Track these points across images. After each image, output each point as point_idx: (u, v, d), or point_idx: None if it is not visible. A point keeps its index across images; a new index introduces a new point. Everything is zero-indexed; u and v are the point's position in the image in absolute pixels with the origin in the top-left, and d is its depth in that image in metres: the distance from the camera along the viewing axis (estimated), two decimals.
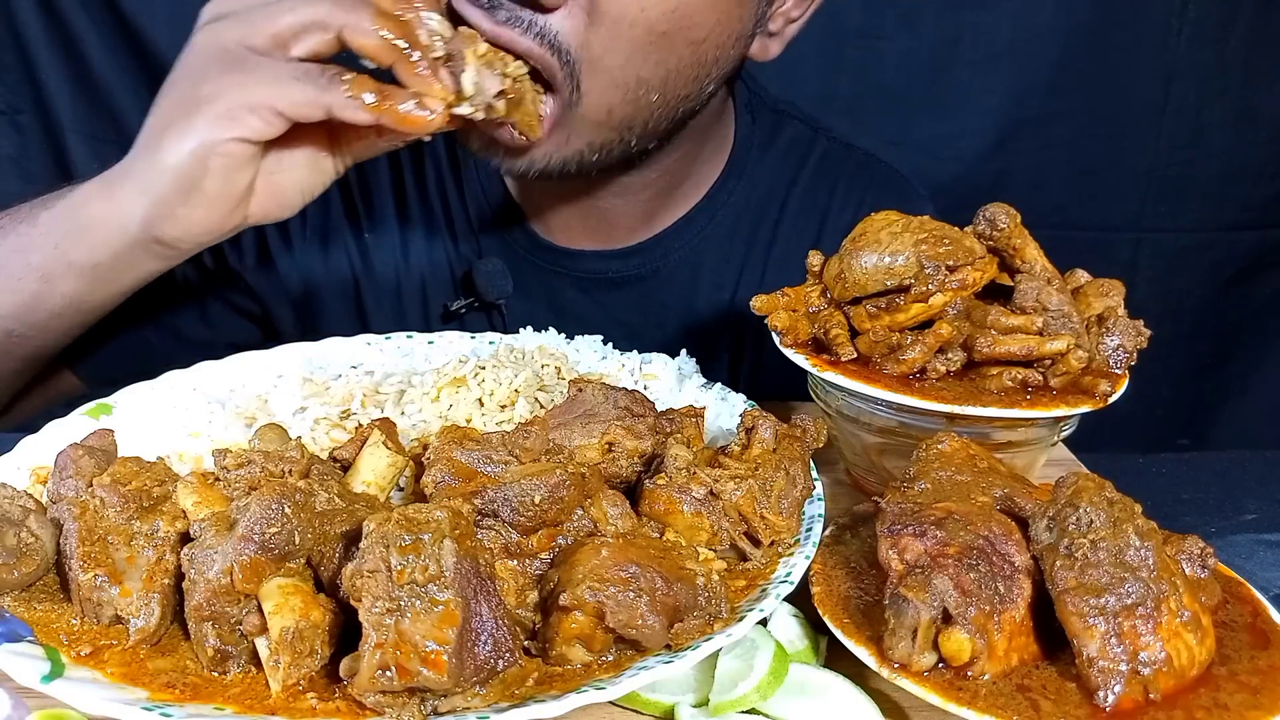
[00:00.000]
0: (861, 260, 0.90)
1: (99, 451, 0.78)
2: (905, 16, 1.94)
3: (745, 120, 1.31)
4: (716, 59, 1.04)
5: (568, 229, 1.27)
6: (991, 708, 0.62)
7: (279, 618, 0.63)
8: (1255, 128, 2.02)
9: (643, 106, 1.02)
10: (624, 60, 0.96)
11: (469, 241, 1.29)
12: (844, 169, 1.34)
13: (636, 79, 0.98)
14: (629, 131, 1.04)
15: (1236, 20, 1.95)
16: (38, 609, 0.70)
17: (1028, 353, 0.85)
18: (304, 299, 1.31)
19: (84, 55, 1.86)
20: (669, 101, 1.03)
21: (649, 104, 1.02)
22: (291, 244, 1.28)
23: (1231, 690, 0.64)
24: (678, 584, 0.68)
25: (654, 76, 0.99)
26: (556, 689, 0.63)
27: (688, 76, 1.02)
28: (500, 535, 0.71)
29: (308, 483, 0.71)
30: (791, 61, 1.18)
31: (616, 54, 0.95)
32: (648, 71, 0.98)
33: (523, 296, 1.28)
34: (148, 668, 0.65)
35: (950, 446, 0.79)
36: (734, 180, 1.29)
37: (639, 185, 1.22)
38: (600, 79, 0.97)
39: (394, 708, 0.60)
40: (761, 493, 0.78)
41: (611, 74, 0.97)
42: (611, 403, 0.86)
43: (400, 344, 1.14)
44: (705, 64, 1.03)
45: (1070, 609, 0.63)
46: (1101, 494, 0.66)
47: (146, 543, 0.70)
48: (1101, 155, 2.03)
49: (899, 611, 0.65)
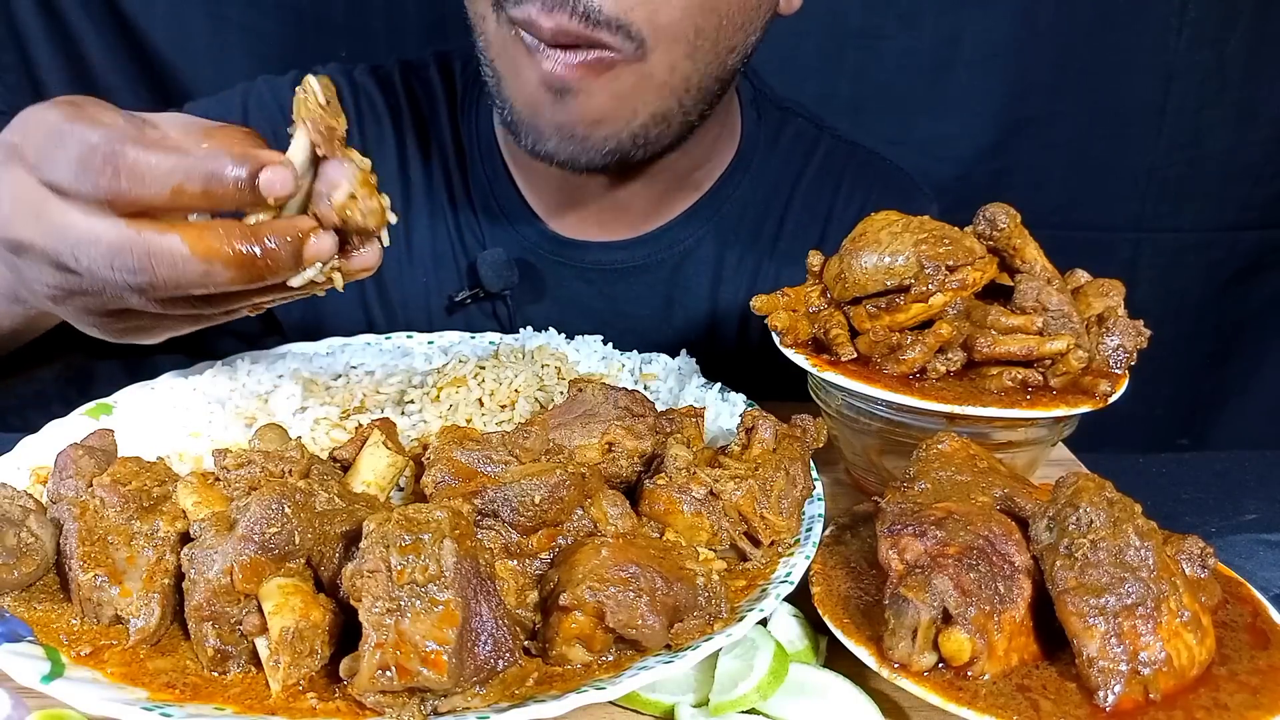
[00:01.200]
0: (861, 260, 0.90)
1: (99, 451, 0.78)
2: (905, 16, 1.93)
3: (751, 116, 1.32)
4: (760, 3, 1.05)
5: (573, 220, 1.27)
6: (991, 708, 0.62)
7: (279, 618, 0.63)
8: (1255, 128, 2.02)
9: (700, 61, 1.02)
10: (681, 13, 0.97)
11: (474, 233, 1.29)
12: (848, 167, 1.35)
13: (695, 29, 0.99)
14: (687, 94, 1.05)
15: (1236, 20, 1.94)
16: (38, 609, 0.70)
17: (1028, 353, 0.85)
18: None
19: (84, 55, 1.85)
20: (720, 55, 1.04)
21: (704, 57, 1.02)
22: None
23: (1231, 690, 0.64)
24: (678, 584, 0.68)
25: (708, 24, 1.00)
26: (556, 689, 0.63)
27: (736, 24, 1.03)
28: (500, 535, 0.71)
29: (308, 483, 0.71)
30: (792, 61, 1.19)
31: (673, 7, 0.96)
32: (703, 19, 0.99)
33: (528, 287, 1.28)
34: (148, 668, 0.65)
35: (950, 446, 0.79)
36: (740, 175, 1.30)
37: (656, 172, 1.22)
38: (663, 36, 0.97)
39: (394, 708, 0.60)
40: (761, 493, 0.78)
41: (671, 29, 0.98)
42: (611, 403, 0.86)
43: (400, 344, 1.14)
44: (751, 8, 1.04)
45: (1070, 609, 0.63)
46: (1101, 494, 0.66)
47: (146, 543, 0.70)
48: (1101, 155, 2.03)
49: (899, 611, 0.65)
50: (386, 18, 1.78)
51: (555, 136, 1.03)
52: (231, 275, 0.67)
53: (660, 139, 1.07)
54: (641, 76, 0.99)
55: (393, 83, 1.31)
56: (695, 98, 1.06)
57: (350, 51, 1.75)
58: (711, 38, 1.01)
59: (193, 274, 0.66)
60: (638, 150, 1.07)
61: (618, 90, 1.00)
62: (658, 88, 1.01)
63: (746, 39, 1.07)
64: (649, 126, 1.05)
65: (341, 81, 1.29)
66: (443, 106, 1.30)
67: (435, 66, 1.32)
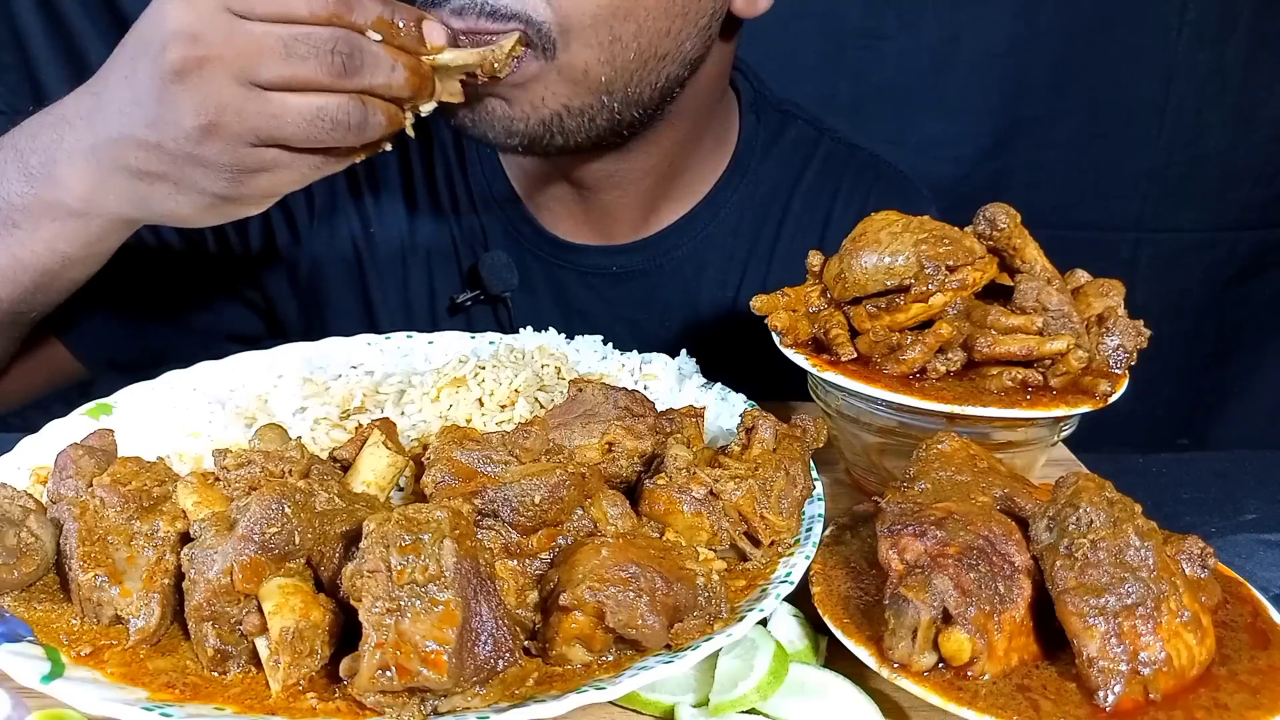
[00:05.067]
0: (861, 260, 0.90)
1: (99, 451, 0.78)
2: (905, 17, 1.94)
3: (750, 119, 1.32)
4: (685, 11, 1.04)
5: (572, 223, 1.28)
6: (991, 708, 0.62)
7: (279, 618, 0.63)
8: (1255, 128, 2.02)
9: (620, 67, 1.02)
10: (592, 20, 0.98)
11: (475, 235, 1.29)
12: (848, 169, 1.35)
13: (610, 36, 0.99)
14: (610, 96, 1.05)
15: (1236, 20, 1.95)
16: (38, 609, 0.70)
17: (1028, 353, 0.85)
18: (309, 291, 1.32)
19: (84, 55, 1.86)
20: (646, 61, 1.04)
21: (626, 63, 1.02)
22: (298, 235, 1.29)
23: (1231, 690, 0.64)
24: (678, 584, 0.68)
25: (626, 32, 1.00)
26: (556, 689, 0.63)
27: (660, 30, 1.03)
28: (500, 535, 0.71)
29: (308, 483, 0.71)
30: (791, 62, 1.19)
31: (585, 12, 0.97)
32: (619, 26, 0.99)
33: (528, 290, 1.28)
34: (148, 668, 0.65)
35: (950, 446, 0.79)
36: (738, 178, 1.30)
37: (636, 174, 1.22)
38: (574, 39, 0.98)
39: (394, 708, 0.60)
40: (761, 493, 0.78)
41: (584, 33, 0.98)
42: (611, 403, 0.86)
43: (400, 344, 1.14)
44: (676, 15, 1.04)
45: (1070, 609, 0.63)
46: (1101, 494, 0.66)
47: (146, 543, 0.70)
48: (1101, 155, 2.03)
49: (899, 611, 0.65)
50: None
51: (468, 113, 1.04)
52: (405, 78, 0.87)
53: (583, 131, 1.07)
54: (548, 69, 1.00)
55: None
56: (626, 100, 1.06)
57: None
58: (630, 45, 1.01)
59: (384, 70, 0.85)
60: (556, 137, 1.06)
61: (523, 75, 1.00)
62: (570, 84, 1.01)
63: (679, 46, 1.06)
64: (563, 117, 1.04)
65: None
66: None
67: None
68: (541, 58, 0.99)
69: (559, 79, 1.01)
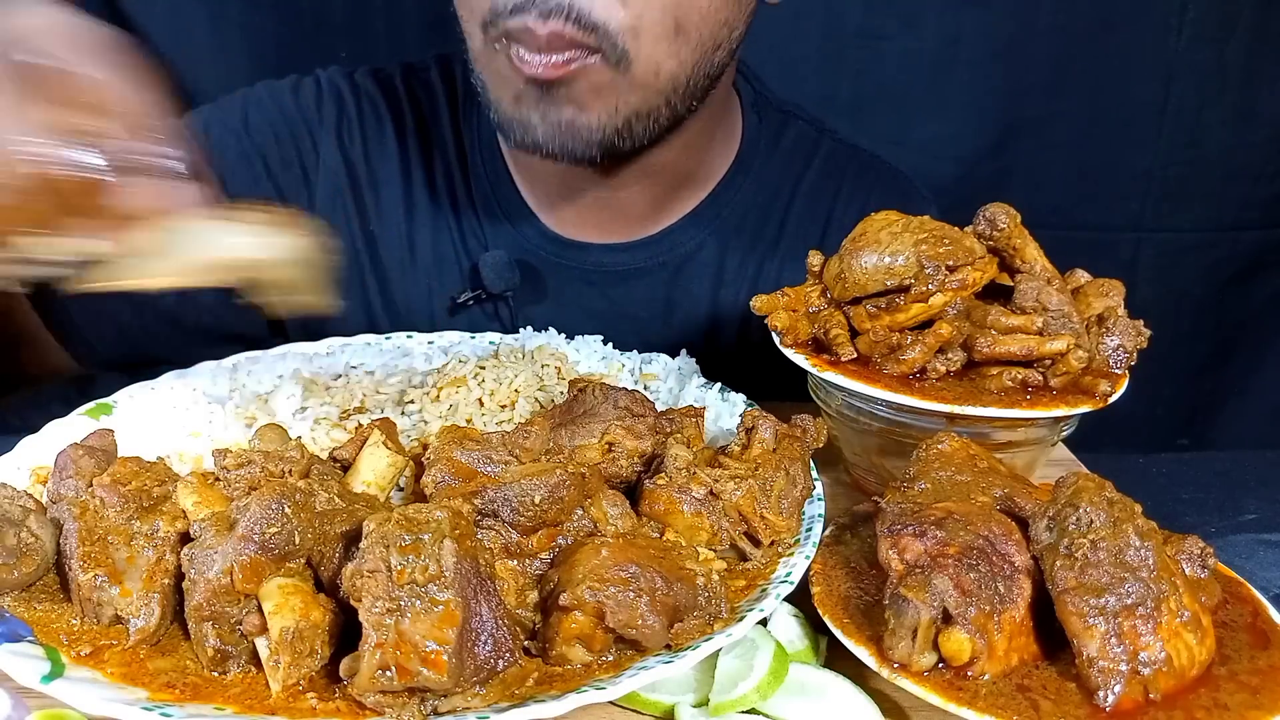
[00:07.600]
0: (861, 260, 0.90)
1: (99, 451, 0.78)
2: (906, 17, 1.93)
3: (752, 119, 1.32)
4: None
5: (575, 221, 1.28)
6: (991, 708, 0.62)
7: (279, 618, 0.63)
8: (1255, 128, 2.01)
9: (684, 61, 1.04)
10: (660, 14, 0.99)
11: (476, 234, 1.29)
12: (849, 170, 1.35)
13: (676, 28, 1.01)
14: (674, 93, 1.07)
15: (1236, 20, 1.94)
16: (38, 609, 0.70)
17: (1028, 353, 0.85)
18: None
19: None
20: (706, 53, 1.06)
21: (689, 57, 1.04)
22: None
23: (1231, 690, 0.64)
24: (678, 584, 0.68)
25: (689, 24, 1.02)
26: (556, 689, 0.63)
27: (719, 21, 1.05)
28: (500, 535, 0.71)
29: (308, 483, 0.71)
30: (792, 62, 1.19)
31: (653, 9, 0.98)
32: (684, 19, 1.01)
33: (530, 289, 1.28)
34: (148, 668, 0.65)
35: (950, 446, 0.79)
36: (740, 177, 1.30)
37: (658, 167, 1.22)
38: (643, 39, 0.99)
39: (394, 708, 0.60)
40: (761, 493, 0.78)
41: (653, 30, 1.00)
42: (611, 403, 0.86)
43: (400, 344, 1.14)
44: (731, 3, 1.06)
45: (1070, 609, 0.63)
46: (1101, 494, 0.66)
47: (146, 543, 0.70)
48: (1101, 155, 2.03)
49: (899, 611, 0.65)
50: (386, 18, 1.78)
51: (541, 125, 1.05)
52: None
53: (646, 133, 1.09)
54: (621, 75, 1.01)
55: (394, 85, 1.31)
56: (682, 95, 1.08)
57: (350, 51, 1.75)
58: (694, 37, 1.03)
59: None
60: (624, 142, 1.08)
61: (596, 84, 1.01)
62: (641, 88, 1.03)
63: (731, 34, 1.09)
64: (632, 122, 1.07)
65: (343, 83, 1.29)
66: (444, 108, 1.30)
67: (436, 69, 1.33)
68: (614, 70, 1.00)
69: (630, 83, 1.02)
